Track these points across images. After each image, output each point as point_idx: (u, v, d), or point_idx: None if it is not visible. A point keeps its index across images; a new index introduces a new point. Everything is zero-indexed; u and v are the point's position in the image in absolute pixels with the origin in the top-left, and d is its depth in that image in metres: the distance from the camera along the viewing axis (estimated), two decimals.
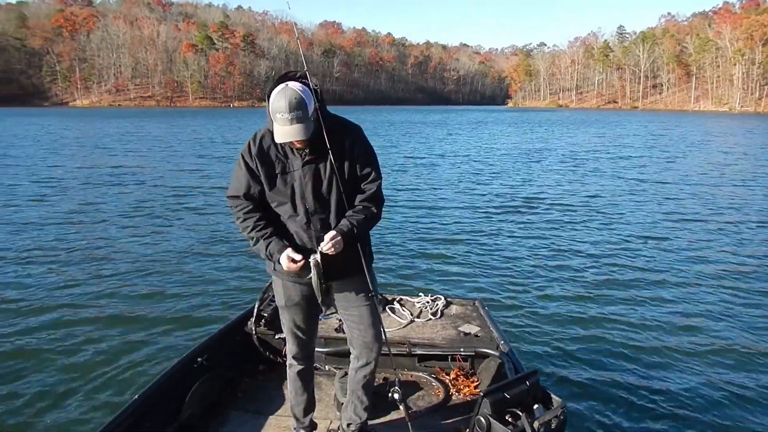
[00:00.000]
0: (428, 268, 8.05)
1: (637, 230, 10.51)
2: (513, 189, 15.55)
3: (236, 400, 3.67)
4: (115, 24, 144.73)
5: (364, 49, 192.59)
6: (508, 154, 25.64)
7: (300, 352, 3.03)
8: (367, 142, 2.76)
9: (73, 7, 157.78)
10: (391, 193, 14.35)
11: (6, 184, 15.70)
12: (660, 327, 5.99)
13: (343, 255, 2.62)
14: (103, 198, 13.73)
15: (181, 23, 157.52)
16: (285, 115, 2.41)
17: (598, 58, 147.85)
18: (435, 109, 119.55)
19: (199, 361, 3.60)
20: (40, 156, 23.72)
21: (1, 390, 4.60)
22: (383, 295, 4.63)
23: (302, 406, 3.15)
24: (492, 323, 4.17)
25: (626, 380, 4.84)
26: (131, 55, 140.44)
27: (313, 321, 3.05)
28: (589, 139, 35.84)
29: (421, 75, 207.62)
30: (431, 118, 69.38)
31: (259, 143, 2.66)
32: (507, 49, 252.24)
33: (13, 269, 7.83)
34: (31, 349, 5.32)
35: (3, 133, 38.34)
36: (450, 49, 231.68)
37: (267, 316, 4.07)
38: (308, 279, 2.68)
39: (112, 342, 5.50)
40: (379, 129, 45.52)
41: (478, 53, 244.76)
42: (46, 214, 11.67)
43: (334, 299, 2.87)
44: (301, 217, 2.68)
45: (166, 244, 9.35)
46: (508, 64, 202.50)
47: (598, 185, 16.22)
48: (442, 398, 3.67)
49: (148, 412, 3.07)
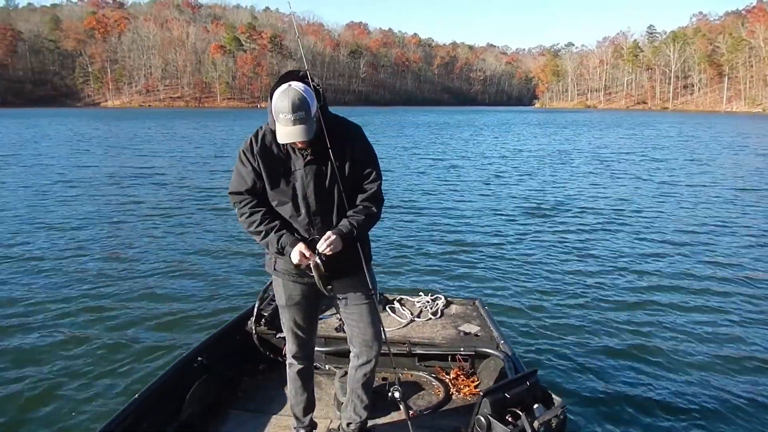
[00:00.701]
0: (429, 268, 8.06)
1: (645, 232, 10.40)
2: (525, 191, 15.37)
3: (236, 400, 3.67)
4: (146, 26, 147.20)
5: (391, 49, 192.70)
6: (530, 156, 25.30)
7: (300, 351, 3.03)
8: (367, 142, 2.76)
9: (105, 10, 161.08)
10: (395, 193, 14.35)
11: (28, 184, 16.00)
12: (661, 328, 5.98)
13: (344, 254, 2.63)
14: (109, 198, 13.78)
15: (210, 25, 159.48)
16: (288, 116, 2.40)
17: (628, 58, 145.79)
18: (461, 110, 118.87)
19: (199, 361, 3.61)
20: (67, 156, 24.16)
21: (1, 390, 4.61)
22: (383, 294, 4.64)
23: (302, 406, 3.15)
24: (492, 323, 4.16)
25: (626, 380, 4.85)
26: (161, 57, 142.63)
27: (314, 320, 3.06)
28: (619, 140, 35.24)
29: (447, 75, 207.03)
30: (456, 119, 69.06)
31: (261, 141, 2.65)
32: (534, 49, 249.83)
33: (13, 268, 7.90)
34: (31, 349, 5.33)
35: (37, 133, 39.17)
36: (476, 49, 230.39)
37: (267, 315, 4.07)
38: (309, 280, 2.71)
39: (112, 341, 5.50)
40: (405, 130, 45.58)
41: (505, 53, 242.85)
42: (48, 214, 11.70)
43: (337, 295, 2.89)
44: (303, 217, 2.68)
45: (166, 244, 9.36)
46: (535, 64, 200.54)
47: (618, 187, 15.95)
48: (442, 398, 3.67)
49: (148, 412, 3.07)
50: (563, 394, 2.72)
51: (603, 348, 5.47)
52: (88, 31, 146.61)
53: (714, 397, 4.57)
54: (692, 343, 5.59)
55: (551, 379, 4.74)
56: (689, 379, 4.88)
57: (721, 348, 5.49)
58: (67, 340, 5.52)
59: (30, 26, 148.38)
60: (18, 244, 9.23)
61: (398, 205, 12.95)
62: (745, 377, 4.92)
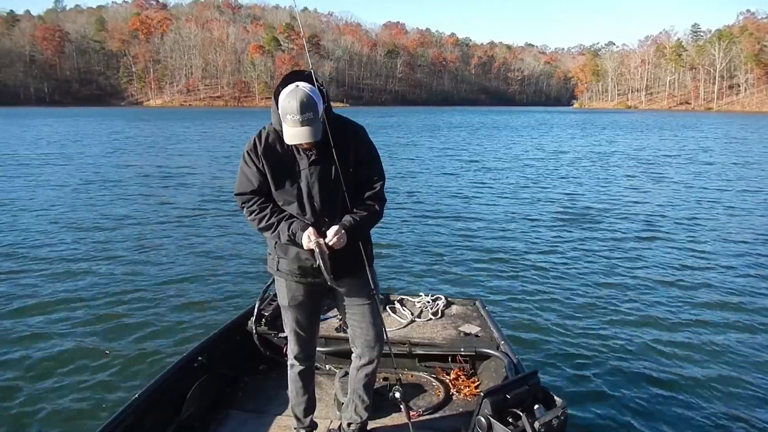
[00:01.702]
0: (429, 268, 8.04)
1: (654, 234, 10.26)
2: (537, 193, 15.13)
3: (236, 400, 3.67)
4: (187, 26, 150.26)
5: (428, 49, 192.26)
6: (557, 158, 24.84)
7: (302, 352, 3.02)
8: (371, 143, 2.76)
9: (149, 11, 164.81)
10: (400, 193, 14.27)
11: (61, 183, 16.29)
12: (662, 329, 5.94)
13: (347, 254, 2.64)
14: (128, 198, 13.81)
15: (250, 25, 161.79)
16: (296, 117, 2.39)
17: (670, 57, 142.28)
18: (498, 110, 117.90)
19: (200, 361, 3.60)
20: (104, 155, 24.66)
21: (1, 390, 4.61)
22: (384, 294, 4.63)
23: (303, 407, 3.14)
24: (493, 323, 4.15)
25: (627, 381, 4.83)
26: (202, 57, 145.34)
27: (316, 321, 3.04)
28: (663, 142, 34.39)
29: (485, 75, 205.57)
30: (492, 119, 68.53)
31: (264, 141, 2.63)
32: (574, 49, 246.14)
33: (14, 266, 7.95)
34: (31, 349, 5.32)
35: (79, 131, 40.38)
36: (515, 49, 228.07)
37: (267, 315, 4.05)
38: (312, 280, 2.75)
39: (112, 341, 5.50)
40: (440, 131, 45.38)
41: (544, 53, 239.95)
42: (57, 213, 11.76)
43: (340, 295, 2.90)
44: (308, 217, 2.66)
45: (167, 244, 9.37)
46: (575, 63, 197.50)
47: (651, 191, 15.56)
48: (443, 398, 3.66)
49: (149, 412, 3.07)
50: (564, 395, 2.70)
51: (604, 349, 5.46)
52: (132, 31, 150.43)
53: (715, 398, 4.57)
54: (694, 345, 5.55)
55: (552, 380, 4.73)
56: (691, 379, 4.87)
57: (726, 352, 5.41)
58: (67, 340, 5.53)
59: (77, 27, 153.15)
60: (18, 243, 9.27)
61: (403, 204, 12.94)
62: (746, 378, 4.91)
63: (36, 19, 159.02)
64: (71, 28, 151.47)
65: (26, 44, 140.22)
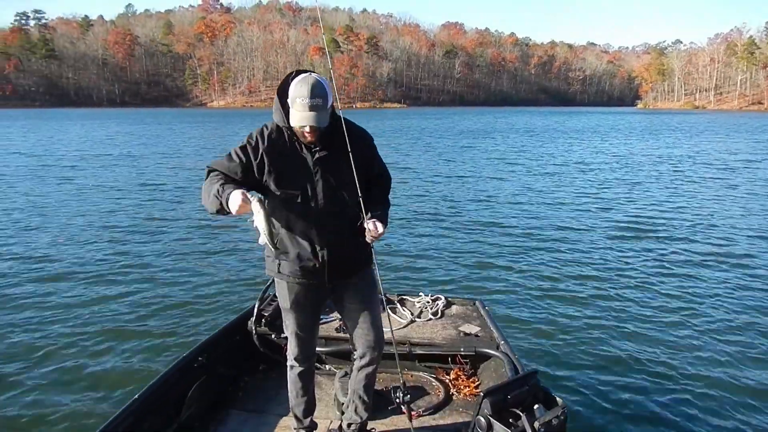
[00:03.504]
0: (429, 268, 8.02)
1: (662, 237, 10.04)
2: (537, 193, 14.91)
3: (236, 400, 3.67)
4: (250, 29, 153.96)
5: (486, 49, 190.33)
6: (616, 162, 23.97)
7: (302, 353, 3.01)
8: (373, 143, 2.84)
9: (213, 14, 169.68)
10: (397, 195, 14.06)
11: (100, 183, 16.67)
12: (662, 330, 5.93)
13: (352, 253, 2.70)
14: (152, 198, 13.95)
15: (310, 27, 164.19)
16: (306, 101, 2.42)
17: (742, 55, 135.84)
18: (559, 111, 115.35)
19: (200, 361, 3.60)
20: (155, 155, 25.46)
21: (2, 390, 4.63)
22: (384, 294, 4.59)
23: (303, 407, 3.13)
24: (492, 323, 4.14)
25: (627, 380, 4.85)
26: (263, 59, 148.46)
27: (316, 322, 3.05)
28: (740, 145, 32.33)
29: (545, 75, 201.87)
30: (553, 121, 67.03)
31: (267, 138, 2.62)
32: (638, 48, 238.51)
33: (15, 269, 7.94)
34: (31, 348, 5.35)
35: (142, 130, 41.96)
36: (576, 48, 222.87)
37: (267, 315, 4.03)
38: (313, 281, 2.74)
39: (112, 341, 5.52)
40: (499, 134, 44.62)
41: (607, 52, 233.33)
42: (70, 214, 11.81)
43: (341, 296, 2.92)
44: (313, 212, 2.65)
45: (166, 243, 9.44)
46: (639, 63, 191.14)
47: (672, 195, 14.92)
48: (443, 398, 3.66)
49: (149, 412, 3.07)
50: (564, 395, 2.75)
51: (604, 349, 5.47)
52: (197, 35, 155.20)
53: (716, 398, 4.57)
54: (696, 346, 5.54)
55: (552, 380, 4.73)
56: (691, 379, 4.88)
57: (729, 355, 5.37)
58: (67, 339, 5.57)
59: (146, 31, 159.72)
60: (18, 242, 9.41)
61: (403, 205, 12.90)
62: (747, 378, 4.90)
63: (108, 23, 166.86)
64: (140, 32, 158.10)
65: (99, 48, 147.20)
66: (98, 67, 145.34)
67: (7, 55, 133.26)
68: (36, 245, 9.27)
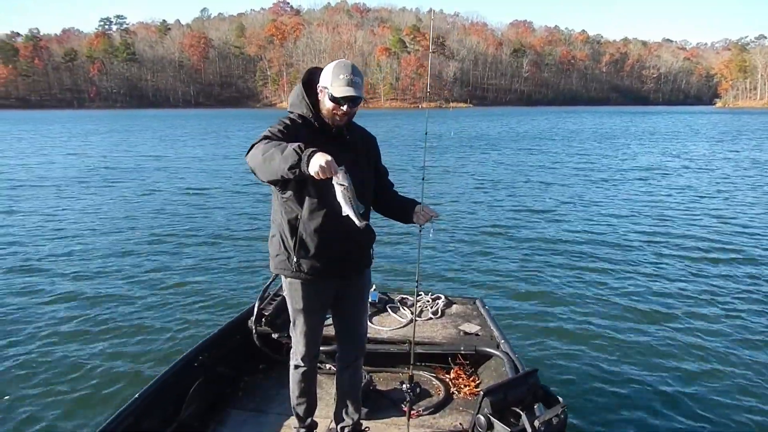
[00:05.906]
0: (430, 267, 8.01)
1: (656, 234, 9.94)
2: (539, 194, 14.54)
3: (237, 399, 3.66)
4: (318, 31, 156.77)
5: (555, 47, 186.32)
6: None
7: (309, 354, 2.99)
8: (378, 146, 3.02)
9: (284, 17, 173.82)
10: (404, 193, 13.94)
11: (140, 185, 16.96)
12: (663, 328, 5.90)
13: (367, 250, 2.86)
14: (128, 196, 13.93)
15: (377, 28, 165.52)
16: (348, 76, 2.53)
17: None
18: (631, 110, 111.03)
19: (200, 360, 3.59)
20: (209, 158, 26.01)
21: (2, 390, 4.63)
22: (384, 294, 4.64)
23: (304, 407, 3.12)
24: (493, 322, 4.12)
25: (627, 379, 4.84)
26: (331, 59, 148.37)
27: (323, 322, 3.05)
28: None
29: (617, 73, 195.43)
30: (624, 123, 64.58)
31: (293, 127, 2.61)
32: (718, 44, 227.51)
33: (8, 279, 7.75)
34: (31, 348, 5.36)
35: (216, 130, 43.33)
36: (650, 45, 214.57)
37: (267, 314, 3.96)
38: (333, 277, 2.76)
39: (112, 341, 5.54)
40: (561, 137, 42.20)
41: (684, 49, 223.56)
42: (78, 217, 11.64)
43: (344, 290, 2.93)
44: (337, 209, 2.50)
45: (166, 243, 9.43)
46: (719, 59, 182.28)
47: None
48: (443, 397, 3.66)
49: (149, 411, 3.06)
50: (564, 394, 2.82)
51: (604, 347, 5.45)
52: (268, 37, 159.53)
53: (716, 397, 4.55)
54: (697, 346, 5.49)
55: (552, 379, 4.73)
56: (691, 379, 4.86)
57: (727, 352, 5.36)
58: (67, 339, 5.59)
59: (219, 34, 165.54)
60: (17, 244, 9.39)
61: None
62: (747, 379, 4.86)
63: (185, 27, 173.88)
64: (214, 35, 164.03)
65: (176, 51, 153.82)
66: (175, 69, 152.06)
67: (92, 59, 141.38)
68: (36, 245, 9.32)
